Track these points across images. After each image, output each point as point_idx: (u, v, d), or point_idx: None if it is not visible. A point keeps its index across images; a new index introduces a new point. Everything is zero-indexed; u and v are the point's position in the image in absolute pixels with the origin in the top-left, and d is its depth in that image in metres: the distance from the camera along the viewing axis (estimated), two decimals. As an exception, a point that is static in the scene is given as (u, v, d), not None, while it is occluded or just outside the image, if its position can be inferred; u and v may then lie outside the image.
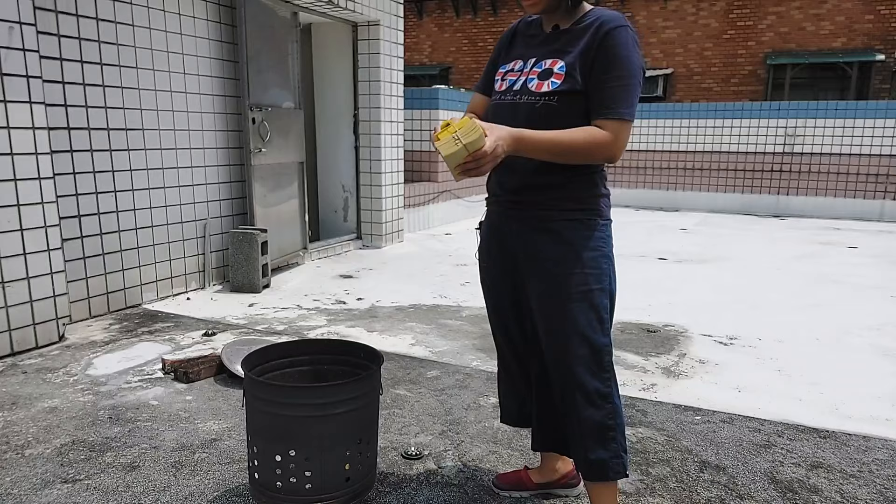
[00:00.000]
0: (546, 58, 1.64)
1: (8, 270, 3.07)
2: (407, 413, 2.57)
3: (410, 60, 16.19)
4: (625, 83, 1.54)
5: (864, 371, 3.14)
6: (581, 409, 1.65)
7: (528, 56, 1.70)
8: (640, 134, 10.18)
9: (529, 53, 1.70)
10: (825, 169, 9.20)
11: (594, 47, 1.55)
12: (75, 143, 3.55)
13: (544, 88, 1.60)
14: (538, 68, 1.64)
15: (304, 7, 5.17)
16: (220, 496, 1.96)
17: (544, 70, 1.62)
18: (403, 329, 3.70)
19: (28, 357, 3.12)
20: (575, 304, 1.62)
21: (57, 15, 3.39)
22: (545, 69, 1.62)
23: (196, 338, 3.46)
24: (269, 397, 1.73)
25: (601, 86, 1.55)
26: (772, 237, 7.39)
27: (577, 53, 1.58)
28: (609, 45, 1.54)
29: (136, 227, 3.97)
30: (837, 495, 2.02)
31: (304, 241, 5.44)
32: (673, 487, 2.05)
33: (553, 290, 1.64)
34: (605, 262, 1.66)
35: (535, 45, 1.70)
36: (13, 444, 2.25)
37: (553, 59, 1.62)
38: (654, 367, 3.16)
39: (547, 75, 1.61)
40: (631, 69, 1.54)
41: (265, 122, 4.68)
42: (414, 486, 2.04)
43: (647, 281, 5.01)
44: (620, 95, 1.54)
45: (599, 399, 1.65)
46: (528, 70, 1.66)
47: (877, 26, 12.81)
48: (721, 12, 13.89)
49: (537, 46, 1.69)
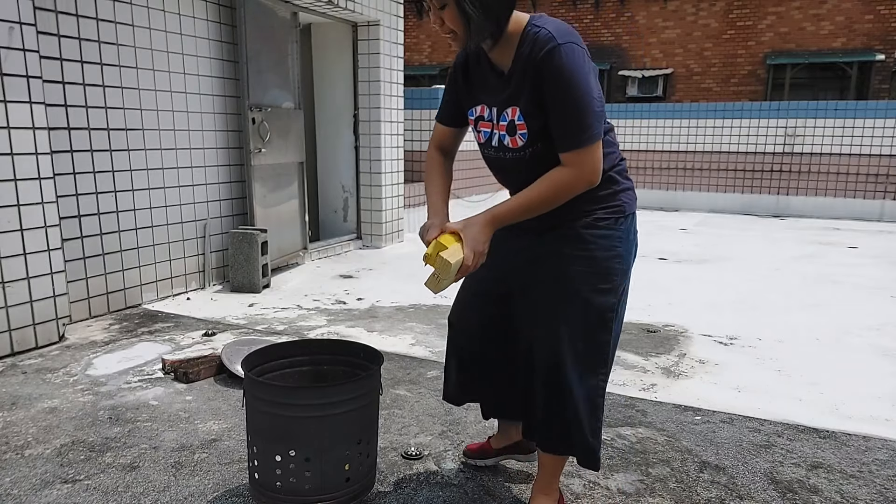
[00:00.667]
0: (505, 106, 1.60)
1: (8, 270, 3.07)
2: (407, 413, 2.57)
3: (410, 60, 16.18)
4: (575, 107, 1.47)
5: (864, 371, 3.14)
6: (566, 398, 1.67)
7: (489, 103, 1.66)
8: (640, 134, 10.17)
9: (490, 100, 1.65)
10: (825, 169, 9.21)
11: (539, 81, 1.49)
12: (75, 143, 3.55)
13: (520, 143, 1.59)
14: (503, 121, 1.62)
15: (304, 7, 5.17)
16: (220, 496, 1.96)
17: (509, 123, 1.60)
18: (403, 329, 3.70)
19: (28, 357, 3.12)
20: (577, 303, 1.62)
21: (57, 15, 3.39)
22: (509, 122, 1.59)
23: (196, 338, 3.46)
24: (269, 397, 1.73)
25: (555, 121, 1.51)
26: (772, 237, 7.39)
27: (528, 94, 1.53)
28: (550, 75, 1.47)
29: (137, 227, 3.97)
30: (837, 495, 2.02)
31: (304, 241, 5.44)
32: (673, 487, 2.05)
33: (555, 286, 1.64)
34: (618, 262, 1.64)
35: (490, 89, 1.65)
36: (13, 445, 2.25)
37: (511, 108, 1.58)
38: (654, 367, 3.16)
39: (514, 129, 1.59)
40: (579, 89, 1.46)
41: (265, 122, 4.68)
42: (414, 486, 2.04)
43: (647, 281, 5.00)
44: (574, 124, 1.48)
45: (596, 396, 1.69)
46: (496, 124, 1.64)
47: (877, 26, 12.81)
48: (721, 12, 13.90)
49: (493, 92, 1.63)
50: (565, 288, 1.63)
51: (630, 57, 14.78)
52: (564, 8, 15.20)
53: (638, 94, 14.52)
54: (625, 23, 14.77)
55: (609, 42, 14.93)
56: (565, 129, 1.50)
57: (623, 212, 1.65)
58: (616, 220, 1.64)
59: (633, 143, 10.22)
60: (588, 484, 2.06)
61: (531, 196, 1.53)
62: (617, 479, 2.10)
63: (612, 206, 1.64)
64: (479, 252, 1.53)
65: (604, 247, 1.62)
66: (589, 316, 1.63)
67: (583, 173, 1.51)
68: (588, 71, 1.49)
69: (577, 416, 1.67)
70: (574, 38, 1.50)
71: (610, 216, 1.63)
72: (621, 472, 2.14)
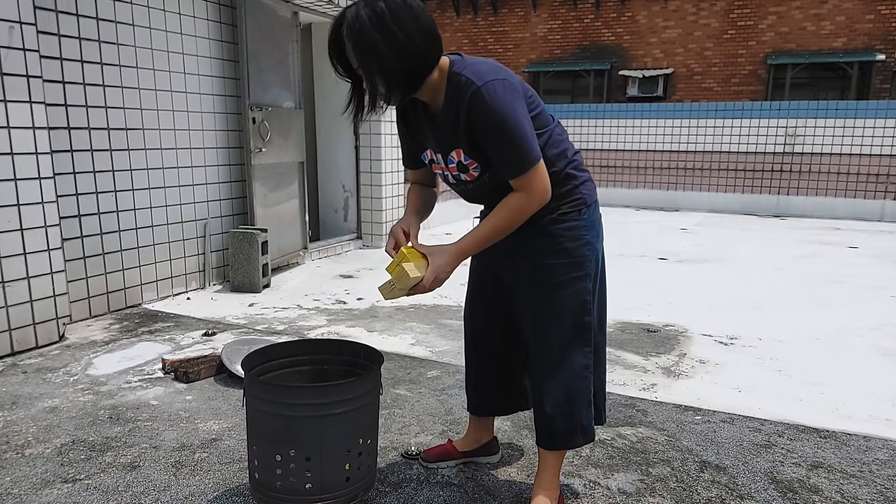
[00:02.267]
0: (448, 151, 1.68)
1: (8, 270, 3.07)
2: (407, 413, 2.57)
3: (411, 60, 16.16)
4: (509, 142, 1.54)
5: (865, 371, 3.14)
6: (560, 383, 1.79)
7: (434, 148, 1.72)
8: (640, 134, 10.17)
9: (433, 146, 1.72)
10: (825, 169, 9.20)
11: (470, 126, 1.57)
12: (75, 142, 3.55)
13: (476, 175, 1.68)
14: (452, 163, 1.69)
15: (304, 7, 5.17)
16: (220, 496, 1.96)
17: (458, 164, 1.68)
18: (403, 329, 3.70)
19: (28, 357, 3.12)
20: (558, 292, 1.74)
21: (57, 15, 3.39)
22: (458, 162, 1.67)
23: (196, 338, 3.46)
24: (269, 397, 1.73)
25: (494, 156, 1.59)
26: (772, 237, 7.39)
27: (465, 138, 1.60)
28: (477, 119, 1.54)
29: (137, 227, 3.97)
30: (838, 495, 2.02)
31: (304, 240, 5.44)
32: (673, 487, 2.05)
33: (536, 279, 1.75)
34: (588, 249, 1.76)
35: (430, 136, 1.71)
36: (13, 444, 2.25)
37: (455, 150, 1.66)
38: (655, 366, 3.15)
39: (464, 168, 1.68)
40: (507, 124, 1.52)
41: (265, 121, 4.68)
42: (414, 486, 2.04)
43: (648, 281, 5.00)
44: (512, 156, 1.56)
45: (585, 371, 1.81)
46: (446, 166, 1.72)
47: (877, 26, 12.80)
48: (721, 12, 13.89)
49: (434, 137, 1.69)
50: (546, 280, 1.75)
51: (630, 57, 14.78)
52: (564, 8, 15.20)
53: (638, 93, 14.51)
54: (625, 22, 14.77)
55: (609, 42, 14.93)
56: (505, 162, 1.59)
57: (585, 202, 1.75)
58: (579, 211, 1.74)
59: (633, 143, 10.21)
60: (588, 483, 2.06)
61: (493, 225, 1.62)
62: (617, 478, 2.10)
63: (573, 200, 1.74)
64: (439, 280, 1.62)
65: (572, 237, 1.73)
66: (569, 302, 1.75)
67: (533, 194, 1.60)
68: (511, 101, 1.54)
69: (572, 394, 1.79)
70: (493, 75, 1.54)
71: (573, 209, 1.74)
72: (622, 471, 2.14)
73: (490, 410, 2.12)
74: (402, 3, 1.46)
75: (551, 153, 1.68)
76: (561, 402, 1.79)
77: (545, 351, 1.79)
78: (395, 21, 1.44)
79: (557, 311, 1.75)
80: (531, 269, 1.75)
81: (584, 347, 1.80)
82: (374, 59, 1.47)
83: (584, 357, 1.80)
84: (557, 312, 1.75)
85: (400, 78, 1.50)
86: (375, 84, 1.51)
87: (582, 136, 10.55)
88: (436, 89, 1.60)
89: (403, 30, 1.45)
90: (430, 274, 1.59)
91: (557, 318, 1.75)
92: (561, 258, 1.72)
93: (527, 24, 15.63)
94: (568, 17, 15.24)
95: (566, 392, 1.79)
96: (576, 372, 1.79)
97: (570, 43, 15.29)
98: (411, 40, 1.46)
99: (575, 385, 1.79)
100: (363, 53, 1.47)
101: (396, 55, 1.46)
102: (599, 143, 10.48)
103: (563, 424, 1.80)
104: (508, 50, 15.86)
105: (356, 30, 1.45)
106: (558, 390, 1.79)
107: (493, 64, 1.60)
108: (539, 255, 1.73)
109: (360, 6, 1.46)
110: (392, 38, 1.44)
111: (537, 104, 1.68)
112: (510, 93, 1.54)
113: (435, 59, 1.55)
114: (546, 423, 1.82)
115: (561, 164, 1.71)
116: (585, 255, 1.75)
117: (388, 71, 1.48)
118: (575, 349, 1.78)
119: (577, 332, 1.78)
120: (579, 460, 2.20)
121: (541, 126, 1.66)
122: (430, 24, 1.50)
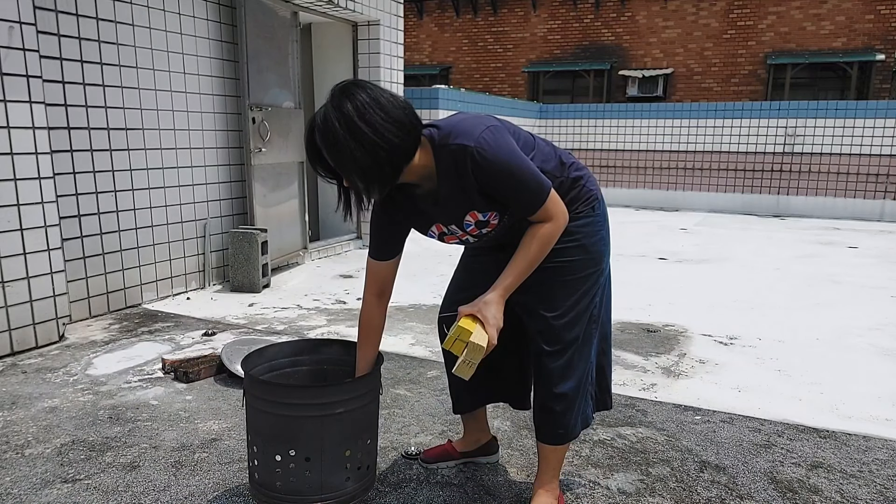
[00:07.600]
0: (461, 217, 1.66)
1: (8, 270, 3.07)
2: (407, 413, 2.57)
3: (410, 60, 16.19)
4: (519, 184, 1.56)
5: (864, 371, 3.14)
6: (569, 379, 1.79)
7: (444, 221, 1.70)
8: (640, 134, 10.17)
9: (441, 219, 1.70)
10: (825, 169, 9.20)
11: (478, 184, 1.56)
12: (75, 142, 3.55)
13: (497, 221, 1.67)
14: (469, 226, 1.68)
15: (304, 7, 5.17)
16: (220, 496, 1.96)
17: (477, 222, 1.67)
18: (403, 329, 3.70)
19: (28, 357, 3.12)
20: (575, 287, 1.76)
21: (57, 15, 3.39)
22: (476, 221, 1.66)
23: (196, 338, 3.46)
24: (269, 397, 1.73)
25: (510, 201, 1.60)
26: (772, 237, 7.39)
27: (476, 196, 1.59)
28: (482, 175, 1.54)
29: (136, 227, 3.97)
30: (837, 495, 2.02)
31: (304, 240, 5.44)
32: (673, 487, 2.05)
33: (555, 277, 1.75)
34: (603, 245, 1.80)
35: (437, 211, 1.68)
36: (13, 444, 2.25)
37: (469, 213, 1.65)
38: (654, 366, 3.15)
39: (484, 223, 1.67)
40: (511, 168, 1.54)
41: (265, 121, 4.68)
42: (414, 486, 2.04)
43: (648, 281, 5.01)
44: (526, 195, 1.57)
45: (591, 364, 1.84)
46: (464, 232, 1.70)
47: (877, 26, 12.81)
48: (721, 12, 13.89)
49: (441, 212, 1.67)
50: (565, 277, 1.76)
51: (630, 57, 14.78)
52: (564, 8, 15.20)
53: (638, 93, 14.51)
54: (625, 22, 14.77)
55: (609, 42, 14.93)
56: (521, 203, 1.60)
57: (596, 197, 1.80)
58: (592, 207, 1.78)
59: (633, 143, 10.22)
60: (588, 483, 2.06)
61: (527, 258, 1.62)
62: (617, 478, 2.10)
63: (585, 198, 1.77)
64: (499, 328, 1.60)
65: (589, 233, 1.76)
66: (585, 298, 1.78)
67: (556, 219, 1.62)
68: (506, 144, 1.56)
69: (581, 388, 1.81)
70: (478, 128, 1.55)
71: (587, 206, 1.77)
72: (621, 471, 2.14)
73: (470, 404, 2.09)
74: (367, 100, 1.45)
75: (550, 167, 1.70)
76: (571, 397, 1.81)
77: (560, 346, 1.77)
78: (363, 118, 1.43)
79: (572, 307, 1.77)
80: (552, 268, 1.74)
81: (592, 341, 1.83)
82: (348, 160, 1.46)
83: (593, 350, 1.84)
84: (572, 308, 1.77)
85: (376, 172, 1.49)
86: (355, 182, 1.52)
87: (582, 136, 10.56)
88: (424, 168, 1.59)
89: (371, 125, 1.43)
90: (492, 330, 1.58)
91: (572, 313, 1.77)
92: (581, 254, 1.75)
93: (526, 24, 15.62)
94: (568, 17, 15.24)
95: (577, 386, 1.81)
96: (586, 366, 1.83)
97: (570, 43, 15.29)
98: (381, 135, 1.45)
99: (585, 379, 1.83)
100: (336, 156, 1.48)
101: (367, 152, 1.45)
102: (599, 143, 10.48)
103: (571, 417, 1.82)
104: (508, 50, 15.86)
105: (326, 133, 1.46)
106: (570, 385, 1.79)
107: (468, 116, 1.61)
108: (559, 255, 1.73)
109: (328, 109, 1.46)
110: (361, 137, 1.43)
111: (517, 132, 1.69)
112: (500, 137, 1.56)
113: (411, 147, 1.53)
114: (555, 417, 1.81)
115: (563, 173, 1.74)
116: (601, 250, 1.79)
117: (363, 168, 1.47)
118: (586, 344, 1.81)
119: (589, 327, 1.81)
120: (579, 460, 2.20)
121: (529, 149, 1.68)
122: (400, 114, 1.48)
